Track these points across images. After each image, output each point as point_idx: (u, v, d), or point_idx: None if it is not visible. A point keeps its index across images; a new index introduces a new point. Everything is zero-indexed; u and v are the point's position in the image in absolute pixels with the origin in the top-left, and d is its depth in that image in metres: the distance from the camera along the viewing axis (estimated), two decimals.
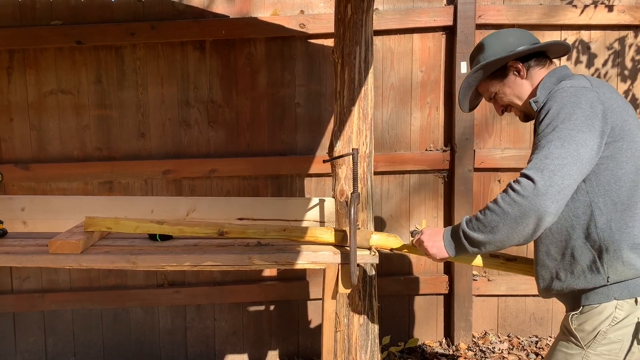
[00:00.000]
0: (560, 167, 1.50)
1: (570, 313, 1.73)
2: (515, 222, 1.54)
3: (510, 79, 1.83)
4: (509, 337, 3.49)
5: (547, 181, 1.50)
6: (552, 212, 1.51)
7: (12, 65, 3.19)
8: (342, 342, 2.44)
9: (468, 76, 1.88)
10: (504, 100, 1.87)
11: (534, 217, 1.51)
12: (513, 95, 1.84)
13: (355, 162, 2.16)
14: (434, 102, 3.30)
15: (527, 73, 1.81)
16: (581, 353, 1.67)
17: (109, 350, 3.42)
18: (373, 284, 2.49)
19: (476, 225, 1.63)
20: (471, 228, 1.65)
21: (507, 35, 1.85)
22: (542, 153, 1.54)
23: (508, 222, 1.55)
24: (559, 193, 1.50)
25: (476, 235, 1.63)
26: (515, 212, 1.53)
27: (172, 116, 3.25)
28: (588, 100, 1.59)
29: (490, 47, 1.84)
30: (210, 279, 3.38)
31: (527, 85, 1.82)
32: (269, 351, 3.47)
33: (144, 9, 3.16)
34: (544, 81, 1.77)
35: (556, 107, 1.60)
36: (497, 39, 1.85)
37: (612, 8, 3.19)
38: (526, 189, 1.51)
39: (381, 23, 3.14)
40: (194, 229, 2.26)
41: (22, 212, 2.77)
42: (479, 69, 1.84)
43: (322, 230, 2.24)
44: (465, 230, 1.66)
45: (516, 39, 1.82)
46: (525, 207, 1.51)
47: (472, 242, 1.66)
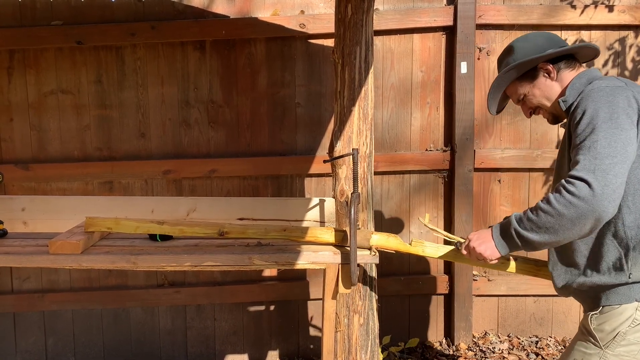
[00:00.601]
0: (612, 166, 1.52)
1: (590, 313, 1.73)
2: (573, 223, 1.55)
3: (540, 80, 1.84)
4: (509, 337, 3.49)
5: (601, 182, 1.51)
6: (610, 212, 1.52)
7: (13, 65, 3.19)
8: (342, 342, 2.44)
9: (498, 77, 1.88)
10: (532, 102, 1.88)
11: (592, 219, 1.53)
12: (543, 96, 1.85)
13: (355, 162, 2.16)
14: (434, 102, 3.30)
15: (557, 75, 1.82)
16: (599, 353, 1.69)
17: (109, 351, 3.42)
18: (373, 284, 2.49)
19: (529, 225, 1.63)
20: (524, 228, 1.65)
21: (537, 38, 1.87)
22: (591, 154, 1.54)
23: (564, 223, 1.56)
24: (614, 192, 1.51)
25: (530, 235, 1.64)
26: (572, 214, 1.54)
27: (172, 116, 3.25)
28: (625, 98, 1.60)
29: (520, 49, 1.85)
30: (211, 279, 3.38)
31: (556, 87, 1.83)
32: (269, 351, 3.47)
33: (144, 9, 3.16)
34: (573, 82, 1.78)
35: (593, 107, 1.61)
36: (527, 41, 1.87)
37: (613, 8, 3.19)
38: (582, 190, 1.52)
39: (381, 23, 3.14)
40: (194, 229, 2.26)
41: (22, 212, 2.77)
42: (511, 69, 1.84)
43: (323, 230, 2.24)
44: (518, 230, 1.66)
45: (546, 41, 1.84)
46: (583, 209, 1.52)
47: (525, 242, 1.66)
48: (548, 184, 3.34)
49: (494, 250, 1.77)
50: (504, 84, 1.90)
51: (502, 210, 3.37)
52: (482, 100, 3.28)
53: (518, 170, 3.33)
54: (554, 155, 3.28)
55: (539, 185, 3.35)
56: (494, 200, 3.37)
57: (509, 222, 1.70)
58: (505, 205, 3.36)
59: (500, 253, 1.77)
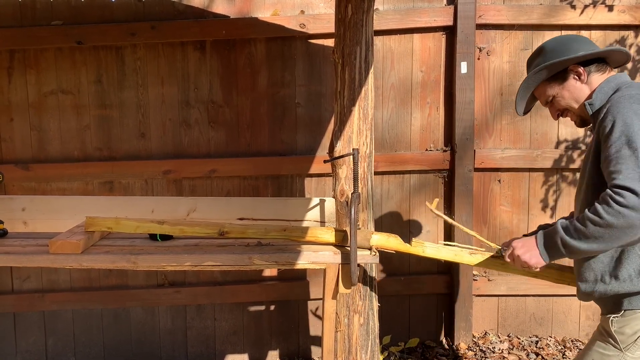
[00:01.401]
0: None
1: (611, 316, 1.74)
2: (623, 232, 1.56)
3: (570, 82, 1.84)
4: (509, 337, 3.49)
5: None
6: None
7: (13, 65, 3.19)
8: (342, 342, 2.44)
9: (528, 77, 1.88)
10: (561, 104, 1.88)
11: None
12: (571, 99, 1.85)
13: (355, 162, 2.16)
14: (434, 102, 3.30)
15: (588, 78, 1.82)
16: (619, 355, 1.71)
17: (109, 350, 3.42)
18: (373, 284, 2.49)
19: (576, 235, 1.64)
20: (571, 237, 1.66)
21: (569, 40, 1.87)
22: (632, 163, 1.55)
23: (614, 233, 1.57)
24: None
25: (578, 244, 1.65)
26: (621, 224, 1.55)
27: (172, 116, 3.25)
28: None
29: (551, 51, 1.85)
30: (211, 279, 3.38)
31: (586, 89, 1.83)
32: (270, 351, 3.47)
33: (144, 9, 3.16)
34: (601, 86, 1.79)
35: (623, 117, 1.60)
36: (559, 43, 1.87)
37: (612, 8, 3.19)
38: (630, 200, 1.53)
39: (381, 23, 3.14)
40: (195, 229, 2.26)
41: (22, 212, 2.77)
42: (542, 69, 1.84)
43: (323, 230, 2.25)
44: (565, 239, 1.67)
45: (578, 44, 1.84)
46: (633, 218, 1.53)
47: (572, 251, 1.68)
48: (548, 184, 3.34)
49: (539, 258, 1.78)
50: (533, 85, 1.90)
51: (502, 210, 3.37)
52: (482, 100, 3.29)
53: (518, 170, 3.33)
54: (554, 155, 3.28)
55: (539, 185, 3.35)
56: (494, 200, 3.37)
57: (555, 230, 1.71)
58: (505, 205, 3.36)
59: (545, 261, 1.78)
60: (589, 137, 3.31)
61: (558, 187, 3.35)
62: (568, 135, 3.31)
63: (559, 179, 3.34)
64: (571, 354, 3.31)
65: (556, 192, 3.35)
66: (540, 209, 3.38)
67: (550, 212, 3.37)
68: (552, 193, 3.35)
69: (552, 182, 3.34)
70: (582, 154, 3.28)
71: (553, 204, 3.36)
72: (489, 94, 3.29)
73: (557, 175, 3.34)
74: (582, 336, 3.48)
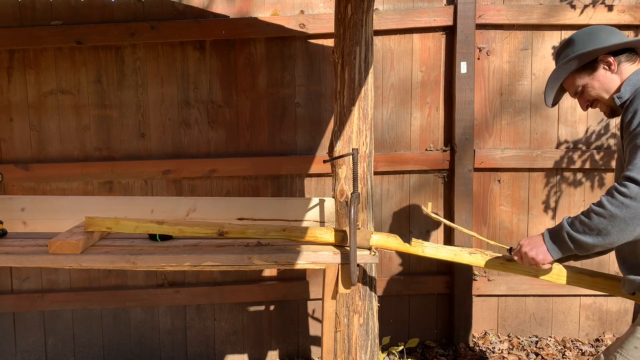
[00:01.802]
0: None
1: None
2: (627, 224, 1.57)
3: (600, 72, 1.83)
4: (508, 337, 3.48)
5: None
6: None
7: (12, 65, 3.19)
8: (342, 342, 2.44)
9: (558, 68, 1.87)
10: (591, 95, 1.86)
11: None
12: (602, 89, 1.84)
13: (355, 162, 2.16)
14: (434, 102, 3.30)
15: (618, 68, 1.81)
16: None
17: (109, 351, 3.42)
18: (373, 284, 2.49)
19: (581, 228, 1.65)
20: (576, 231, 1.67)
21: (598, 31, 1.85)
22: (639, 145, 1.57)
23: (618, 224, 1.57)
24: None
25: (584, 237, 1.65)
26: (625, 215, 1.56)
27: (172, 116, 3.25)
28: None
29: (580, 42, 1.84)
30: (210, 279, 3.38)
31: (616, 79, 1.82)
32: (269, 351, 3.47)
33: (144, 9, 3.16)
34: (630, 78, 1.78)
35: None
36: (588, 34, 1.85)
37: (612, 8, 3.19)
38: (633, 190, 1.54)
39: (381, 23, 3.14)
40: (194, 229, 2.26)
41: (22, 212, 2.77)
42: (571, 60, 1.83)
43: (322, 230, 2.25)
44: (571, 233, 1.68)
45: (607, 34, 1.83)
46: (636, 208, 1.54)
47: (579, 245, 1.68)
48: (549, 185, 3.34)
49: (546, 254, 1.78)
50: (563, 75, 1.89)
51: (502, 210, 3.37)
52: (482, 100, 3.29)
53: (518, 170, 3.33)
54: (554, 155, 3.28)
55: (539, 185, 3.35)
56: (493, 200, 3.37)
57: (560, 226, 1.71)
58: (505, 205, 3.36)
59: (553, 257, 1.77)
60: (589, 137, 3.31)
61: (559, 187, 3.35)
62: (568, 136, 3.31)
63: (559, 179, 3.34)
64: (571, 354, 3.31)
65: (557, 192, 3.35)
66: (540, 209, 3.37)
67: (552, 213, 3.37)
68: (553, 194, 3.35)
69: (552, 183, 3.34)
70: (582, 154, 3.28)
71: (554, 204, 3.36)
72: (489, 94, 3.29)
73: (558, 176, 3.34)
74: (582, 336, 3.48)
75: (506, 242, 3.40)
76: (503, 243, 3.39)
